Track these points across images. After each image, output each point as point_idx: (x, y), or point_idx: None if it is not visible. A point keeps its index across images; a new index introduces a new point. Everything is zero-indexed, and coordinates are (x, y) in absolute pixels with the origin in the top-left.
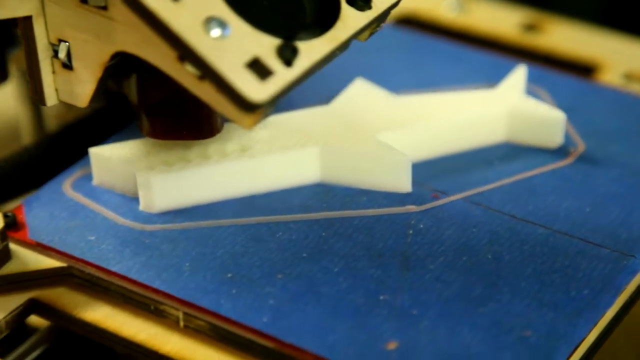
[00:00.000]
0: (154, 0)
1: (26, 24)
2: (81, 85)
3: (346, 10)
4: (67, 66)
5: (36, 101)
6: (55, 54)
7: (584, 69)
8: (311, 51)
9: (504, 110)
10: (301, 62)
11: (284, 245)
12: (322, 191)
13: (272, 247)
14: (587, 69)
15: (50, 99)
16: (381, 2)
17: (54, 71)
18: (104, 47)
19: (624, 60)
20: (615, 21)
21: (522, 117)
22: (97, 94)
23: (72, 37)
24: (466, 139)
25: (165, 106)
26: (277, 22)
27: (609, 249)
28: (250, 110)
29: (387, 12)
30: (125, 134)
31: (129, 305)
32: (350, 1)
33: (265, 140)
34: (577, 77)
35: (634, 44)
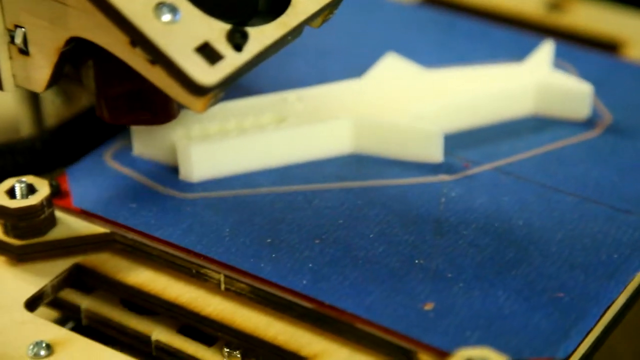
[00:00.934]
0: None
1: None
2: (38, 70)
3: None
4: (24, 52)
5: None
6: (11, 39)
7: (608, 47)
8: (261, 36)
9: (533, 83)
10: (251, 47)
11: (320, 212)
12: (355, 161)
13: (308, 214)
14: (610, 46)
15: (7, 85)
16: None
17: (11, 57)
18: (59, 33)
19: None
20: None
21: (550, 90)
22: (54, 80)
23: (28, 23)
24: (496, 112)
25: (122, 92)
26: (229, 9)
27: (637, 216)
28: (200, 93)
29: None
30: None
31: (170, 269)
32: None
33: (300, 112)
34: (602, 53)
35: None
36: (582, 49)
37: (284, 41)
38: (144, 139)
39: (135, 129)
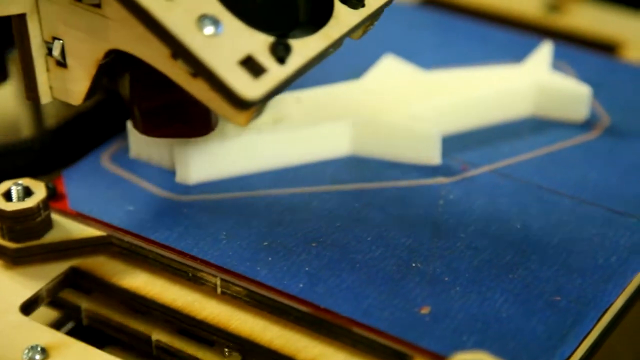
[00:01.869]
0: None
1: (20, 21)
2: (75, 82)
3: (339, 8)
4: (62, 64)
5: (31, 99)
6: (49, 51)
7: (606, 48)
8: (304, 49)
9: (531, 84)
10: (294, 60)
11: (318, 215)
12: (353, 163)
13: (306, 217)
14: (609, 48)
15: (44, 97)
16: (374, 1)
17: (48, 69)
18: (97, 45)
19: None
20: (636, 1)
21: (548, 92)
22: (92, 92)
23: (66, 35)
24: (494, 113)
25: (159, 104)
26: (271, 20)
27: (635, 218)
28: (244, 107)
29: (380, 10)
30: None
31: (166, 272)
32: None
33: (297, 113)
34: (601, 54)
35: None
36: (581, 50)
37: (326, 53)
38: (141, 141)
39: (131, 130)
